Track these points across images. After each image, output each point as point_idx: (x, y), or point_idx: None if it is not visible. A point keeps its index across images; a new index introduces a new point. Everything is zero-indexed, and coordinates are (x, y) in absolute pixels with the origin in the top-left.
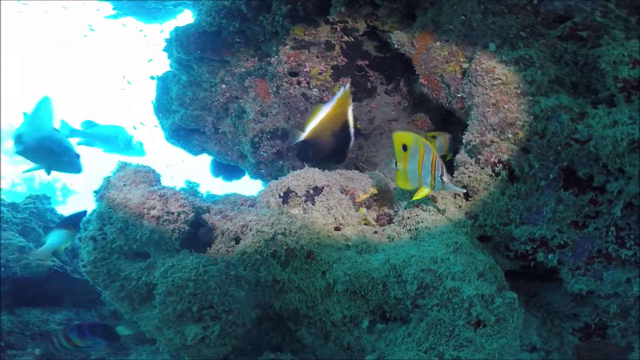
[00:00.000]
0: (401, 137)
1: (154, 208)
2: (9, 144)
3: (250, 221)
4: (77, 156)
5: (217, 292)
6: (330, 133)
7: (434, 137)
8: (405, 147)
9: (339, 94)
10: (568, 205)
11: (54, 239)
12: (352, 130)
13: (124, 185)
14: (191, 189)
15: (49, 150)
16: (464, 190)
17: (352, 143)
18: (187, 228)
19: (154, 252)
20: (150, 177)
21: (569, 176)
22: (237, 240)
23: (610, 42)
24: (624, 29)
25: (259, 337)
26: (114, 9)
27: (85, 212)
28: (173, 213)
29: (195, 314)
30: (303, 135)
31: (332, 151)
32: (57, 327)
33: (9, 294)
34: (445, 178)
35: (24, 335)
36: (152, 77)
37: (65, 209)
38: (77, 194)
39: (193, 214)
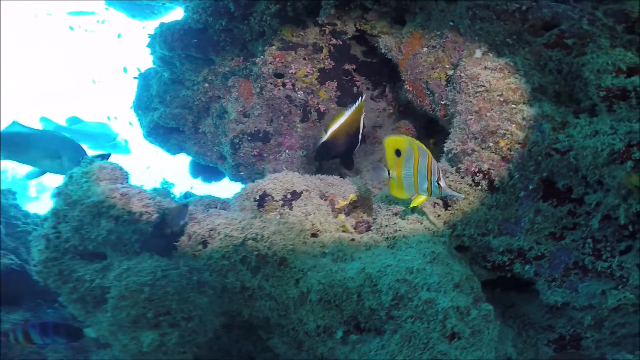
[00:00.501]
0: (394, 141)
1: (114, 207)
2: None
3: (218, 225)
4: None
5: (175, 297)
6: (345, 137)
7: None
8: (398, 152)
9: (357, 103)
10: (546, 217)
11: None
12: (360, 136)
13: (86, 182)
14: (164, 190)
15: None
16: (462, 196)
17: (357, 148)
18: (149, 230)
19: (111, 253)
20: (116, 174)
21: (549, 187)
22: (205, 244)
23: (595, 50)
24: (609, 37)
25: (229, 344)
26: (106, 3)
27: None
28: (134, 213)
29: (151, 320)
30: (325, 137)
31: (343, 153)
32: (11, 327)
33: None
34: (442, 183)
35: None
36: (135, 78)
37: (38, 207)
38: (52, 189)
39: (157, 215)
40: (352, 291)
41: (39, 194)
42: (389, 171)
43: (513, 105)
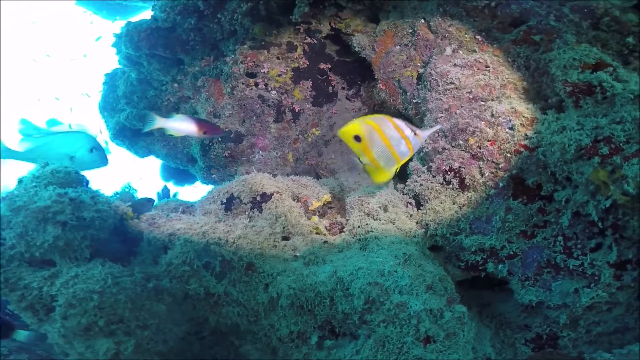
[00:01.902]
0: (348, 131)
1: (61, 213)
2: None
3: (178, 229)
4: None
5: (128, 306)
6: None
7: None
8: (358, 138)
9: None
10: (517, 215)
11: None
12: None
13: (35, 186)
14: (127, 194)
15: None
16: (441, 126)
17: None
18: (102, 236)
19: (59, 260)
20: (70, 178)
21: (518, 185)
22: (165, 249)
23: (562, 46)
24: (576, 33)
25: (202, 351)
26: (76, 3)
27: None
28: (85, 219)
29: (103, 329)
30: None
31: None
32: None
33: None
34: (418, 131)
35: None
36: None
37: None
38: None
39: (113, 220)
40: (325, 295)
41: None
42: (359, 159)
43: (482, 102)
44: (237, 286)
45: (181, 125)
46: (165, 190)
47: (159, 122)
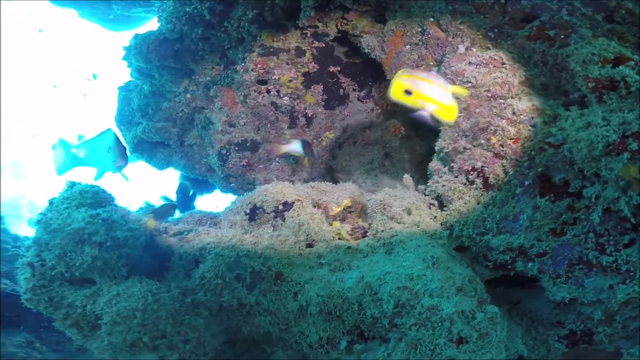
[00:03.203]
0: (396, 90)
1: (96, 233)
2: None
3: (208, 243)
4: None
5: (169, 321)
6: None
7: None
8: (408, 92)
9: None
10: (545, 213)
11: None
12: None
13: (66, 208)
14: (149, 208)
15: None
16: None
17: None
18: (136, 253)
19: (99, 278)
20: (98, 198)
21: (545, 182)
22: (197, 263)
23: (579, 41)
24: (590, 27)
25: (234, 358)
26: (80, 16)
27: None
28: (119, 238)
29: (148, 344)
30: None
31: None
32: (14, 350)
33: None
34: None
35: None
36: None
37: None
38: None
39: (145, 237)
40: (353, 301)
41: (32, 213)
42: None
43: (502, 100)
44: (267, 296)
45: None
46: (183, 188)
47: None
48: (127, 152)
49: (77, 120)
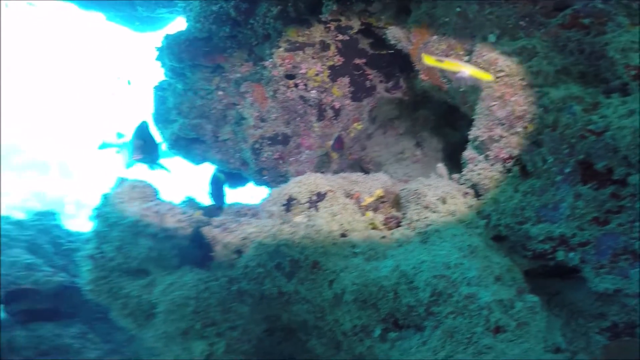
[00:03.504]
0: (428, 59)
1: (149, 225)
2: (15, 160)
3: (251, 233)
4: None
5: (219, 309)
6: None
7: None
8: (440, 60)
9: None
10: (588, 201)
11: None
12: None
13: (120, 202)
14: (191, 201)
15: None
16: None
17: None
18: (185, 244)
19: (153, 269)
20: (147, 192)
21: (587, 169)
22: (239, 252)
23: (616, 29)
24: (627, 15)
25: (271, 347)
26: (107, 19)
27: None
28: (170, 229)
29: (199, 331)
30: None
31: None
32: (70, 341)
33: (21, 310)
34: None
35: (39, 350)
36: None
37: (78, 223)
38: (89, 206)
39: (192, 228)
40: (388, 289)
41: (78, 211)
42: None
43: (538, 89)
44: (304, 284)
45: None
46: (216, 179)
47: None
48: (155, 146)
49: (119, 119)
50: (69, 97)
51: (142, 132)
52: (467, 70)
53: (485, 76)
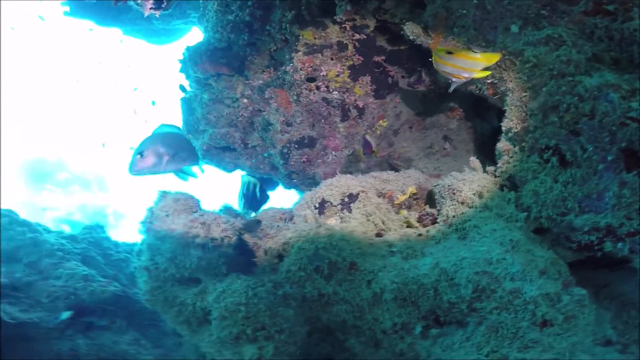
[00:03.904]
0: (439, 51)
1: (198, 236)
2: (61, 176)
3: (290, 238)
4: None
5: (267, 313)
6: None
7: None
8: (449, 52)
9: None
10: (634, 189)
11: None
12: None
13: (167, 215)
14: (229, 209)
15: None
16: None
17: None
18: (231, 251)
19: (204, 277)
20: (189, 204)
21: (630, 157)
22: (280, 257)
23: None
24: None
25: (309, 348)
26: (124, 33)
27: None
28: (217, 239)
29: (250, 336)
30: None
31: None
32: (126, 347)
33: (81, 319)
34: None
35: (99, 357)
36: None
37: (118, 233)
38: (127, 217)
39: (236, 236)
40: (428, 287)
41: (117, 221)
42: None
43: (570, 78)
44: (342, 285)
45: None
46: (249, 187)
47: None
48: (164, 157)
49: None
50: (90, 111)
51: (147, 141)
52: (467, 72)
53: (494, 57)
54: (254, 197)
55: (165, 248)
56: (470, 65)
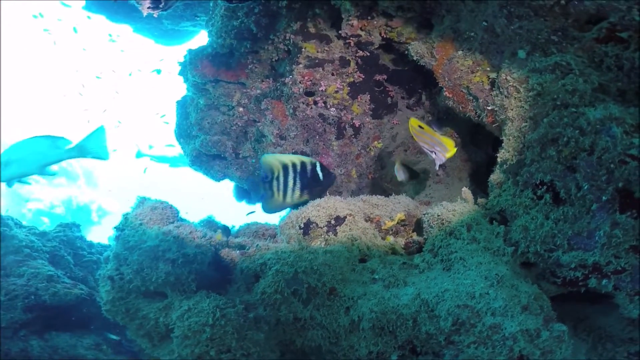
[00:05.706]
0: (413, 124)
1: (169, 250)
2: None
3: (269, 259)
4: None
5: (235, 336)
6: None
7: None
8: (421, 127)
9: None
10: (626, 230)
11: None
12: None
13: (140, 224)
14: (210, 222)
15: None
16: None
17: None
18: (204, 268)
19: (170, 293)
20: (167, 213)
21: (626, 198)
22: (257, 277)
23: None
24: None
25: None
26: (134, 31)
27: None
28: (189, 255)
29: (213, 357)
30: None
31: None
32: (84, 352)
33: (38, 320)
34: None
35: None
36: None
37: (101, 230)
38: (112, 214)
39: (211, 252)
40: (408, 317)
41: (100, 219)
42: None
43: (573, 109)
44: (320, 310)
45: None
46: (304, 167)
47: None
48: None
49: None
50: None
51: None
52: (440, 152)
53: (451, 150)
54: (314, 178)
55: (132, 259)
56: (438, 144)
